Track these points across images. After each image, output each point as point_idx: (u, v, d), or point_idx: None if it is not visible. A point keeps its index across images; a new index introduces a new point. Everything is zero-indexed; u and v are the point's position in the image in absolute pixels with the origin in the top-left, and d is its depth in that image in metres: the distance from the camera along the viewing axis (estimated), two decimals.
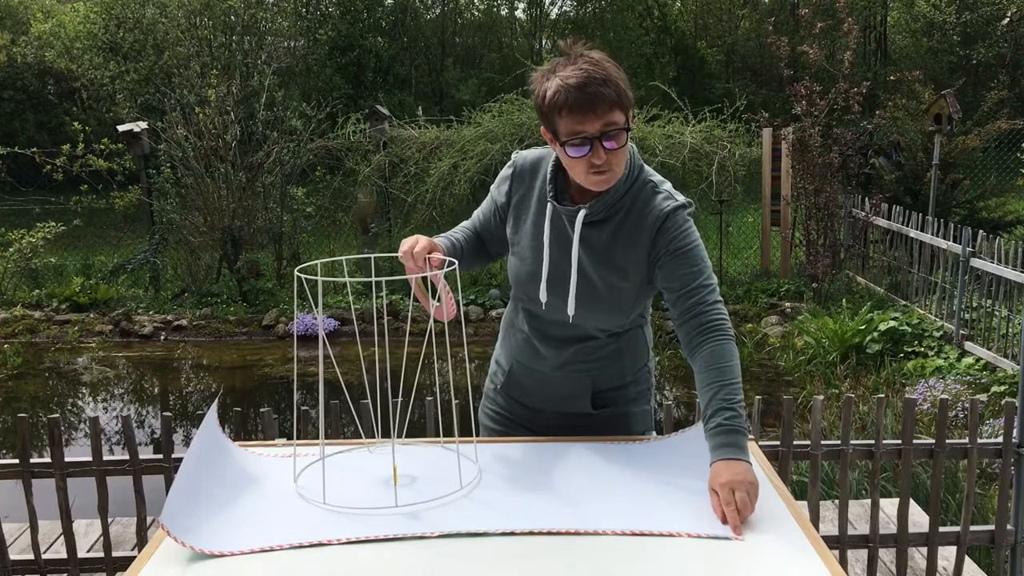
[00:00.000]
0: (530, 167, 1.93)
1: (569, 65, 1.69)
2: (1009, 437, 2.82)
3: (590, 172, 1.73)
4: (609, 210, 1.81)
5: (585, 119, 1.67)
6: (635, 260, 1.81)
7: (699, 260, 1.79)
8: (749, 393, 5.69)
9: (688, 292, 1.77)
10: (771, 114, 8.32)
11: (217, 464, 1.64)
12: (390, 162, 8.78)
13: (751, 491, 1.54)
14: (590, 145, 1.69)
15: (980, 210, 8.76)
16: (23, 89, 16.92)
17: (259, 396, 6.36)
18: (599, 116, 1.67)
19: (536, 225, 1.89)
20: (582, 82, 1.65)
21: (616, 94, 1.67)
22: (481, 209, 2.02)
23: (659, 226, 1.78)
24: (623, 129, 1.70)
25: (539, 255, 1.86)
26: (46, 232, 8.73)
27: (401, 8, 19.05)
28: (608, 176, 1.74)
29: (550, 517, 1.50)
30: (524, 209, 1.92)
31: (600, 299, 1.84)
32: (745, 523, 1.49)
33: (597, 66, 1.68)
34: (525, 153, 1.96)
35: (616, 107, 1.68)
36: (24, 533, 3.29)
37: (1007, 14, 19.29)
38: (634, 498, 1.58)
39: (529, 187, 1.92)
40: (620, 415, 1.98)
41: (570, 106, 1.66)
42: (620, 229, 1.81)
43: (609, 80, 1.67)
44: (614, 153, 1.71)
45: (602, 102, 1.66)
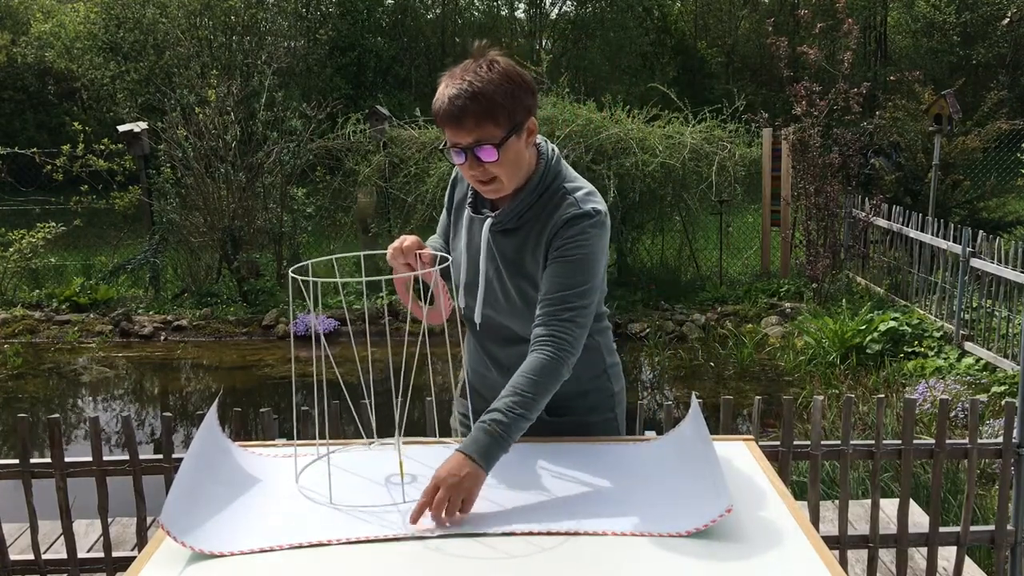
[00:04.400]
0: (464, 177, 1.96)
1: (459, 74, 1.70)
2: (1009, 437, 2.82)
3: (474, 180, 1.76)
4: (519, 219, 1.81)
5: (456, 131, 1.69)
6: (540, 266, 1.80)
7: (577, 272, 1.75)
8: (749, 393, 5.71)
9: (551, 300, 1.75)
10: (771, 114, 8.32)
11: (217, 464, 1.64)
12: (390, 162, 8.78)
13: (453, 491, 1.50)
14: (464, 155, 1.71)
15: (980, 210, 8.76)
16: (23, 89, 16.92)
17: (259, 396, 6.36)
18: (468, 130, 1.68)
19: (461, 232, 1.92)
20: (453, 95, 1.66)
21: (485, 110, 1.66)
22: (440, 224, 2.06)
23: (555, 231, 1.77)
24: (494, 145, 1.68)
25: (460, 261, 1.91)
26: (46, 232, 8.73)
27: (401, 8, 19.05)
28: (494, 186, 1.76)
29: (549, 517, 1.50)
30: (459, 215, 1.95)
31: (516, 306, 1.84)
32: (744, 522, 1.49)
33: (478, 78, 1.67)
34: None
35: (487, 121, 1.67)
36: (24, 533, 3.29)
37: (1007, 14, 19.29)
38: (633, 498, 1.58)
39: (463, 193, 1.95)
40: (579, 424, 1.94)
41: (443, 118, 1.70)
42: (528, 238, 1.81)
43: (481, 95, 1.65)
44: (493, 165, 1.71)
45: (468, 117, 1.66)
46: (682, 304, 7.93)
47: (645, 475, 1.68)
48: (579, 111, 8.04)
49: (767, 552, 1.41)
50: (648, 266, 8.75)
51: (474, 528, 1.47)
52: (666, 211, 8.63)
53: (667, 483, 1.64)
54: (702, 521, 1.46)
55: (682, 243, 8.97)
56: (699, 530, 1.44)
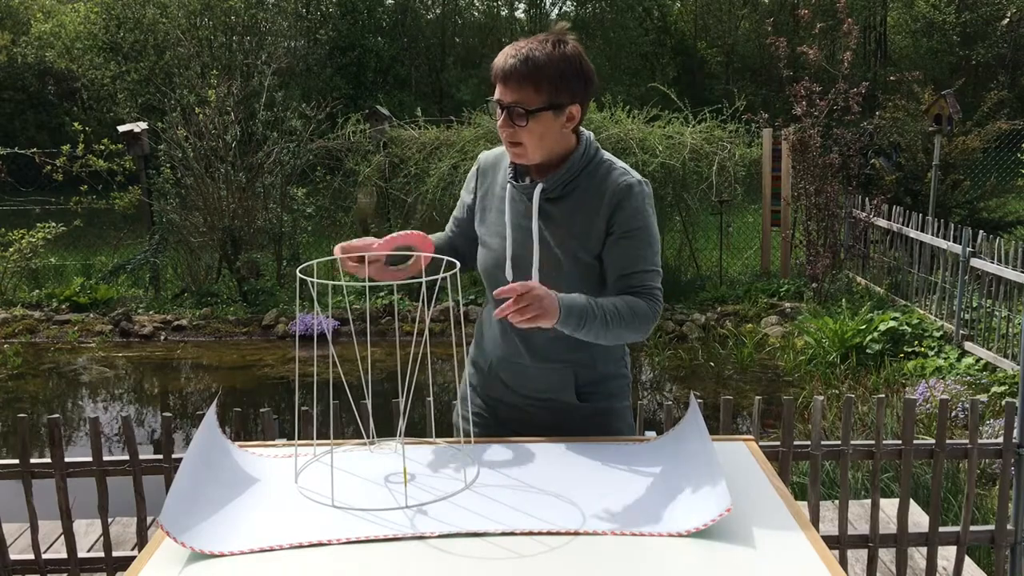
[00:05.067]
0: (492, 162, 2.03)
1: (529, 40, 1.80)
2: (1009, 437, 2.82)
3: (505, 139, 1.84)
4: (567, 186, 1.87)
5: (502, 88, 1.79)
6: (595, 233, 1.86)
7: (647, 243, 1.86)
8: (749, 393, 5.71)
9: (630, 274, 1.85)
10: (771, 114, 8.32)
11: (216, 465, 1.64)
12: (390, 162, 8.78)
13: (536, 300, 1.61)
14: (502, 112, 1.80)
15: (980, 210, 8.76)
16: (23, 89, 16.93)
17: (259, 396, 6.36)
18: (510, 89, 1.77)
19: (500, 212, 1.96)
20: (511, 53, 1.77)
21: (530, 75, 1.74)
22: (453, 217, 2.12)
23: (617, 200, 1.84)
24: (526, 111, 1.76)
25: (503, 237, 1.93)
26: (46, 232, 8.73)
27: (401, 8, 19.06)
28: (519, 151, 1.83)
29: (550, 517, 1.51)
30: (489, 202, 2.00)
31: (564, 274, 1.87)
32: (744, 522, 1.49)
33: (538, 49, 1.76)
34: (487, 152, 2.06)
35: (529, 86, 1.75)
36: (24, 533, 3.29)
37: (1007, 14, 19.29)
38: (633, 498, 1.58)
39: (492, 180, 2.01)
40: (602, 410, 2.01)
41: (495, 73, 1.80)
42: (580, 204, 1.87)
43: (531, 61, 1.74)
44: (520, 130, 1.79)
45: (514, 77, 1.75)
46: (682, 304, 7.93)
47: (645, 475, 1.68)
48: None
49: (767, 552, 1.41)
50: None
51: (475, 527, 1.47)
52: (666, 211, 8.63)
53: (667, 483, 1.64)
54: (702, 521, 1.45)
55: (682, 243, 8.97)
56: (699, 530, 1.44)
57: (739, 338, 6.98)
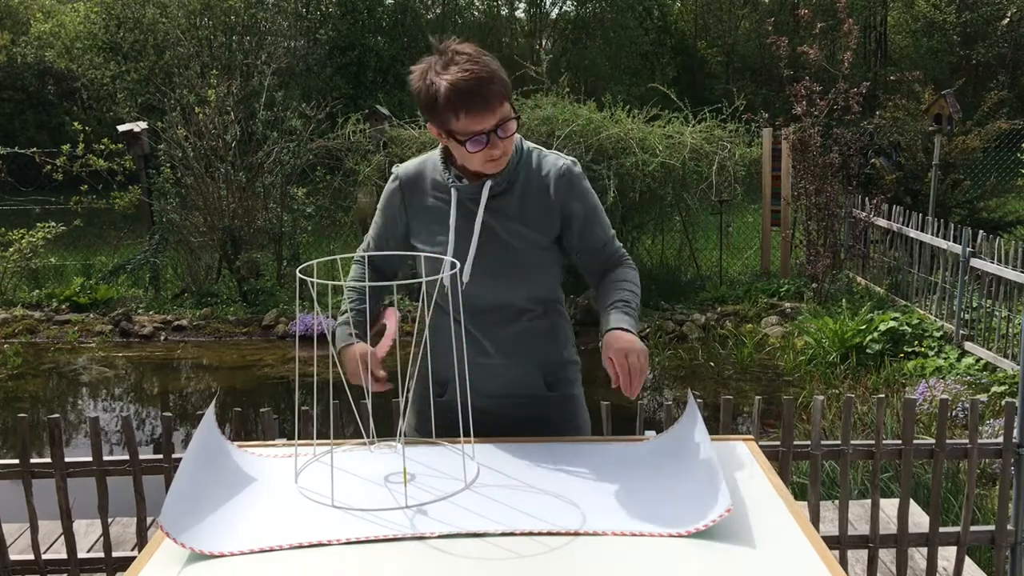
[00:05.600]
0: (414, 175, 1.99)
1: (451, 64, 1.75)
2: (1009, 437, 2.82)
3: (486, 161, 1.83)
4: (509, 177, 1.91)
5: (483, 118, 1.76)
6: (548, 217, 1.92)
7: (603, 216, 1.99)
8: (749, 393, 5.71)
9: (601, 249, 1.97)
10: (771, 114, 8.32)
11: (216, 465, 1.64)
12: (390, 162, 8.78)
13: (642, 356, 1.73)
14: (487, 139, 1.79)
15: (980, 210, 8.76)
16: (23, 89, 16.93)
17: (259, 396, 6.36)
18: (494, 113, 1.76)
19: (439, 220, 1.94)
20: (474, 84, 1.72)
21: (502, 88, 1.77)
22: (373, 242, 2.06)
23: (564, 185, 1.92)
24: (514, 117, 1.81)
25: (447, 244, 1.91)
26: (46, 232, 8.73)
27: (401, 8, 19.06)
28: (503, 160, 1.86)
29: (550, 517, 1.51)
30: (424, 213, 1.97)
31: (522, 260, 1.91)
32: (744, 522, 1.49)
33: (480, 64, 1.75)
34: (403, 166, 2.02)
35: (504, 100, 1.78)
36: (24, 533, 3.29)
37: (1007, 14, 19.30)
38: (632, 498, 1.58)
39: (422, 192, 1.97)
40: (568, 398, 2.05)
41: (466, 108, 1.74)
42: (526, 192, 1.92)
43: (495, 77, 1.75)
44: (509, 139, 1.84)
45: (494, 99, 1.75)
46: (682, 304, 7.93)
47: (644, 475, 1.68)
48: (579, 111, 8.03)
49: (767, 552, 1.41)
50: (648, 266, 8.74)
51: (475, 528, 1.47)
52: (666, 211, 8.63)
53: (667, 483, 1.64)
54: (702, 521, 1.45)
55: (682, 243, 8.97)
56: (699, 530, 1.44)
57: (739, 338, 6.98)
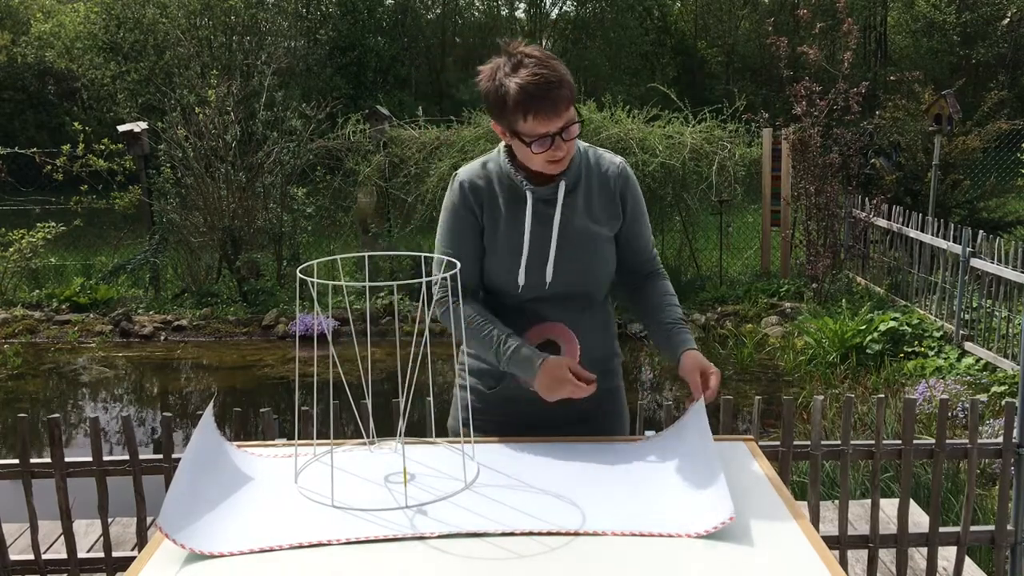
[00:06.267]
0: (480, 179, 1.99)
1: (520, 67, 1.79)
2: (1009, 437, 2.82)
3: (548, 162, 1.87)
4: (576, 177, 1.97)
5: (549, 121, 1.80)
6: (611, 210, 2.00)
7: (647, 219, 2.09)
8: (749, 393, 5.71)
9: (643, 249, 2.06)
10: (771, 114, 8.32)
11: (215, 465, 1.64)
12: (390, 162, 8.78)
13: (720, 376, 1.86)
14: (551, 141, 1.83)
15: (980, 210, 8.76)
16: (23, 89, 16.94)
17: (259, 396, 6.36)
18: (560, 116, 1.81)
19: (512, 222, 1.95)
20: (544, 87, 1.77)
21: (569, 92, 1.82)
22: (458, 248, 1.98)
23: (623, 183, 2.01)
24: (578, 121, 1.86)
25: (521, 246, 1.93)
26: (46, 232, 8.73)
27: (401, 8, 19.06)
28: (564, 162, 1.90)
29: (551, 517, 1.50)
30: (495, 217, 1.97)
31: (592, 255, 1.98)
32: (744, 522, 1.49)
33: (549, 68, 1.79)
34: (464, 172, 2.02)
35: (571, 104, 1.84)
36: (24, 533, 3.29)
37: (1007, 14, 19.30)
38: (633, 498, 1.58)
39: (491, 195, 1.98)
40: (615, 389, 2.11)
41: (535, 110, 1.78)
42: (590, 188, 1.98)
43: (563, 81, 1.80)
44: (571, 142, 1.88)
45: (562, 103, 1.80)
46: (682, 304, 7.91)
47: (645, 475, 1.68)
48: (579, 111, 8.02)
49: (767, 552, 1.41)
50: None
51: (475, 528, 1.47)
52: (666, 211, 8.63)
53: (668, 484, 1.63)
54: (704, 527, 1.46)
55: (682, 243, 8.97)
56: (700, 535, 1.44)
57: (739, 338, 6.98)
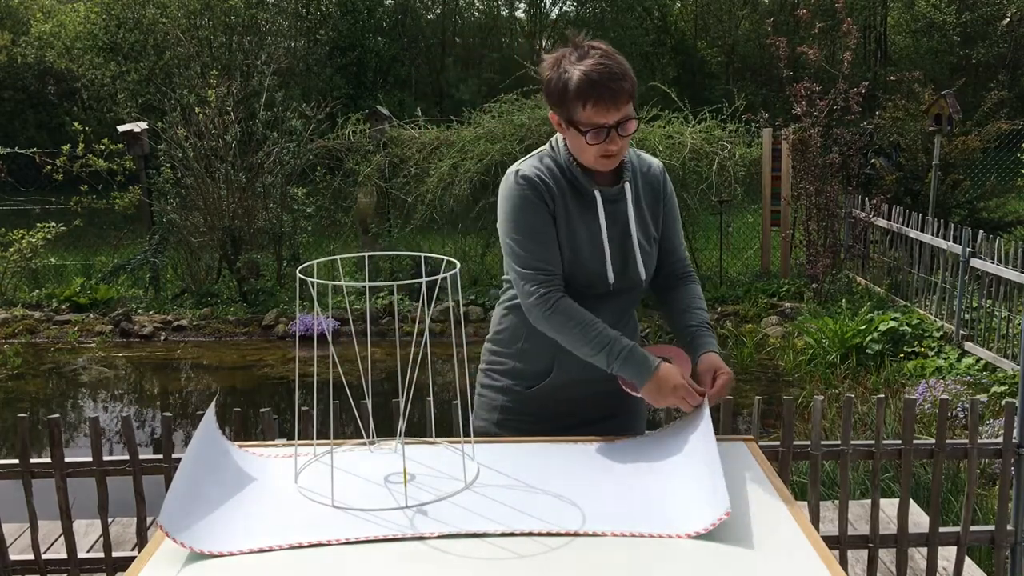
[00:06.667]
0: (545, 174, 1.93)
1: (586, 57, 1.79)
2: (1009, 437, 2.82)
3: (600, 156, 1.86)
4: (633, 176, 2.01)
5: (607, 112, 1.79)
6: (657, 208, 2.04)
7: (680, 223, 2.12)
8: (749, 393, 5.71)
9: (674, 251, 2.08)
10: (771, 114, 8.32)
11: (215, 465, 1.64)
12: (390, 162, 8.78)
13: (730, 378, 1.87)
14: (607, 133, 1.82)
15: (980, 210, 8.76)
16: (23, 89, 16.93)
17: (259, 396, 6.36)
18: (619, 109, 1.80)
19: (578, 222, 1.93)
20: (606, 77, 1.77)
21: (631, 87, 1.81)
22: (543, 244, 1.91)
23: (663, 179, 2.05)
24: (635, 118, 1.86)
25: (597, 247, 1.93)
26: (46, 232, 8.73)
27: (401, 8, 19.06)
28: (616, 159, 1.90)
29: (550, 517, 1.50)
30: (563, 216, 1.93)
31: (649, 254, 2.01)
32: (744, 522, 1.50)
33: (614, 60, 1.80)
34: (526, 168, 1.95)
35: (631, 99, 1.83)
36: (24, 533, 3.29)
37: (1007, 14, 19.29)
38: (633, 499, 1.58)
39: (557, 195, 1.93)
40: None
41: (595, 99, 1.78)
42: (638, 188, 2.01)
43: (626, 74, 1.80)
44: (625, 139, 1.88)
45: (623, 96, 1.79)
46: None
47: (645, 475, 1.68)
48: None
49: (767, 552, 1.41)
50: None
51: (474, 528, 1.47)
52: None
53: (667, 484, 1.63)
54: (702, 525, 1.46)
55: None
56: (699, 533, 1.44)
57: (739, 338, 6.98)
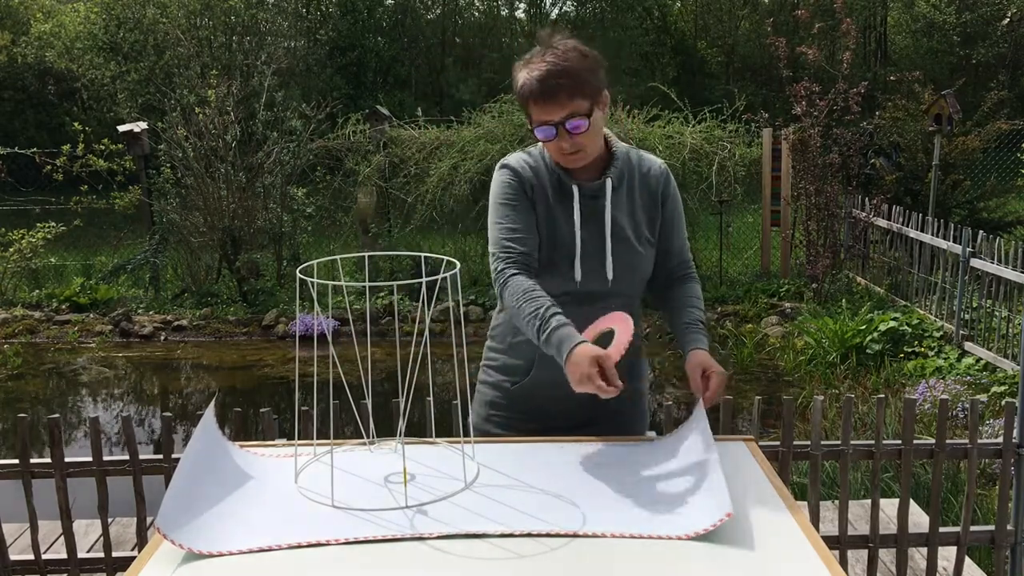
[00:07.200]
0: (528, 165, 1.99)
1: (538, 57, 1.83)
2: (1009, 437, 2.82)
3: (561, 153, 1.88)
4: (620, 175, 1.98)
5: (549, 110, 1.82)
6: (653, 210, 2.01)
7: (683, 223, 2.08)
8: (749, 393, 5.71)
9: (676, 253, 2.05)
10: (771, 114, 8.32)
11: (215, 464, 1.64)
12: (390, 162, 8.78)
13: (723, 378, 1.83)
14: (555, 130, 1.84)
15: (980, 210, 8.76)
16: (23, 89, 16.93)
17: (259, 396, 6.36)
18: (561, 106, 1.81)
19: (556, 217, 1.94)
20: (543, 75, 1.80)
21: (574, 84, 1.81)
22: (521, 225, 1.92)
23: (664, 182, 2.01)
24: (585, 114, 1.83)
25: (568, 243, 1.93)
26: (46, 232, 8.73)
27: (401, 8, 19.06)
28: (580, 155, 1.89)
29: (550, 518, 1.50)
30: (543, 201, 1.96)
31: (636, 252, 1.97)
32: (744, 522, 1.50)
33: (560, 58, 1.81)
34: (511, 158, 2.01)
35: (576, 96, 1.81)
36: (24, 533, 3.29)
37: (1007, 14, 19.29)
38: (633, 499, 1.58)
39: (539, 187, 1.96)
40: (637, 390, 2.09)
41: (534, 98, 1.82)
42: (632, 189, 1.99)
43: (568, 72, 1.80)
44: (583, 135, 1.85)
45: (561, 93, 1.80)
46: None
47: (646, 476, 1.68)
48: None
49: (767, 552, 1.41)
50: None
51: (474, 528, 1.47)
52: None
53: (668, 485, 1.63)
54: (702, 525, 1.45)
55: None
56: (699, 534, 1.44)
57: (739, 338, 6.98)
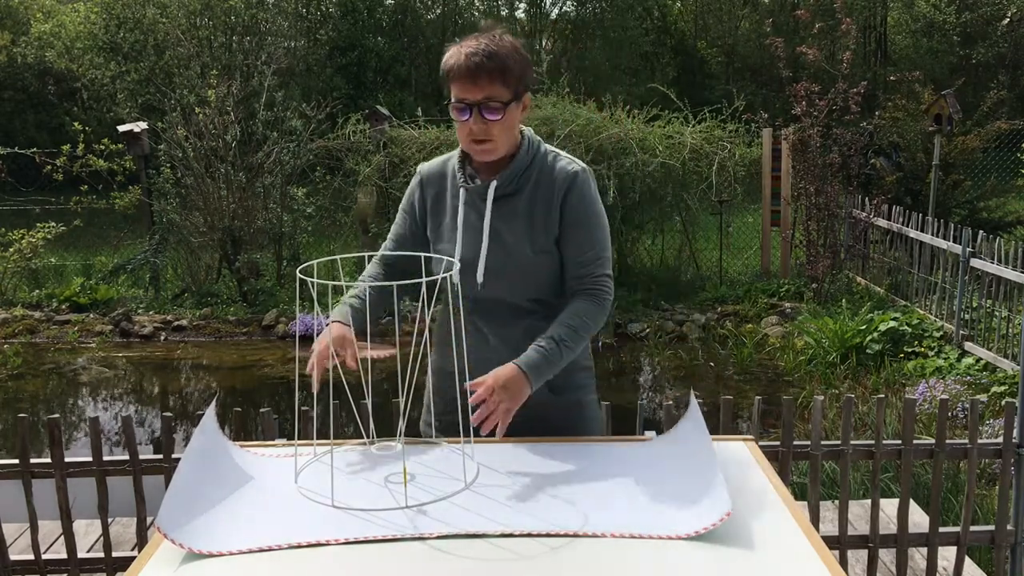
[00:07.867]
0: (436, 172, 2.03)
1: (472, 39, 1.82)
2: (1009, 437, 2.82)
3: (471, 140, 1.85)
4: (518, 180, 1.92)
5: (468, 87, 1.79)
6: (551, 221, 1.92)
7: (599, 227, 1.94)
8: (749, 393, 5.71)
9: (582, 261, 1.92)
10: (771, 114, 8.32)
11: (215, 464, 1.64)
12: (390, 162, 8.78)
13: (506, 398, 1.73)
14: (470, 112, 1.81)
15: (980, 210, 8.77)
16: (23, 89, 16.92)
17: (259, 396, 6.36)
18: (480, 87, 1.79)
19: (454, 217, 1.97)
20: (470, 52, 1.78)
21: (499, 69, 1.78)
22: (394, 233, 2.08)
23: (566, 187, 1.91)
24: (502, 104, 1.81)
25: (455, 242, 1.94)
26: (46, 232, 8.72)
27: (401, 8, 19.04)
28: (489, 147, 1.86)
29: (549, 518, 1.50)
30: (440, 210, 2.00)
31: (526, 262, 1.92)
32: (744, 522, 1.49)
33: (493, 43, 1.80)
34: (426, 164, 2.07)
35: (498, 81, 1.79)
36: (24, 533, 3.29)
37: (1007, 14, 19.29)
38: (633, 499, 1.58)
39: (440, 188, 2.01)
40: (575, 403, 2.03)
41: (456, 72, 1.80)
42: (534, 197, 1.93)
43: (496, 55, 1.78)
44: (493, 125, 1.82)
45: (484, 73, 1.77)
46: (682, 304, 7.93)
47: (645, 476, 1.68)
48: (579, 111, 8.03)
49: (767, 552, 1.41)
50: (648, 266, 8.75)
51: (474, 528, 1.47)
52: (666, 211, 8.63)
53: (667, 485, 1.63)
54: (702, 524, 1.45)
55: (682, 243, 8.97)
56: (698, 533, 1.44)
57: (739, 338, 6.98)
